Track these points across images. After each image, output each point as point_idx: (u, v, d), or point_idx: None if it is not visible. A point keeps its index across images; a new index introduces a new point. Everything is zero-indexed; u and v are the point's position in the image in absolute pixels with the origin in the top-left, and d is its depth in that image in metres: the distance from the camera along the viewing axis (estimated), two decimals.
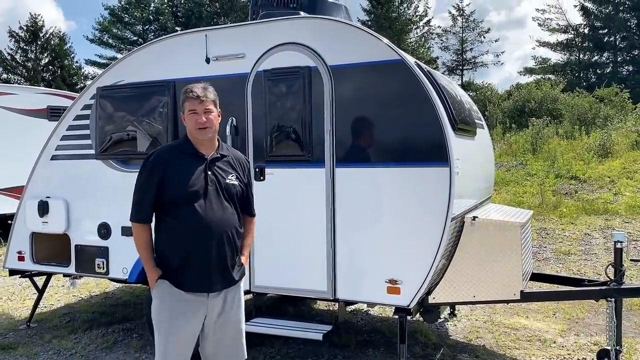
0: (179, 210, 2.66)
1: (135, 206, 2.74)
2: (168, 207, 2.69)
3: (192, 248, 2.66)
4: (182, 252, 2.68)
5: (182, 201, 2.65)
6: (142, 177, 2.74)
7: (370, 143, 3.90)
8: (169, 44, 4.65)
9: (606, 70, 36.49)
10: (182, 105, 2.77)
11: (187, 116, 2.74)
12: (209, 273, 2.69)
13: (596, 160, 14.43)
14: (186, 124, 2.76)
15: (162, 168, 2.69)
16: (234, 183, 2.79)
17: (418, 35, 36.42)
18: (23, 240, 5.14)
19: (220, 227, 2.69)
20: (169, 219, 2.69)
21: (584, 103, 20.61)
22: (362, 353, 4.56)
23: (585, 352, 4.49)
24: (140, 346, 4.81)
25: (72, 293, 6.64)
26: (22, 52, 36.53)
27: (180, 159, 2.73)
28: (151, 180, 2.69)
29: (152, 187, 2.68)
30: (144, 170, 2.74)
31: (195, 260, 2.67)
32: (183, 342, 2.70)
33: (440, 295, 3.88)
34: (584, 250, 8.12)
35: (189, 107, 2.72)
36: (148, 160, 2.75)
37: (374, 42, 3.88)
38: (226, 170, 2.79)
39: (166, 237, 2.71)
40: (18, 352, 4.80)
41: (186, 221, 2.65)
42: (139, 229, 2.73)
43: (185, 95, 2.75)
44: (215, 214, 2.68)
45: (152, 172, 2.70)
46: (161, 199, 2.69)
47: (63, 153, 4.99)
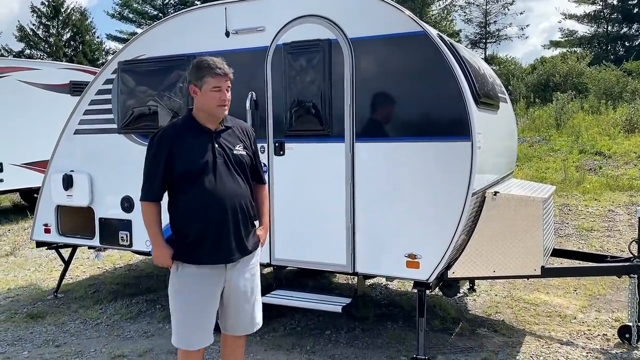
0: (190, 185, 2.68)
1: (145, 186, 2.77)
2: (179, 184, 2.71)
3: (207, 221, 2.70)
4: (197, 226, 2.71)
5: (192, 177, 2.67)
6: (148, 157, 2.75)
7: (390, 117, 3.87)
8: (188, 18, 4.64)
9: (635, 43, 35.43)
10: (202, 80, 2.69)
11: (210, 92, 2.68)
12: (225, 244, 2.73)
13: (622, 136, 14.13)
14: (203, 99, 2.70)
15: (168, 146, 2.68)
16: (242, 153, 2.81)
17: (440, 8, 35.66)
18: (49, 213, 5.26)
19: (232, 198, 2.72)
20: (181, 195, 2.72)
21: (611, 77, 20.11)
22: (380, 326, 4.60)
23: (606, 329, 4.47)
24: (163, 317, 4.93)
25: (96, 265, 6.80)
26: (44, 28, 36.80)
27: (185, 136, 2.72)
28: (159, 159, 2.70)
29: (160, 167, 2.70)
30: (150, 150, 2.75)
31: (211, 233, 2.71)
32: (206, 316, 2.77)
33: (459, 270, 3.88)
34: (607, 226, 8.01)
35: (215, 83, 2.68)
36: (153, 141, 2.74)
37: (395, 14, 3.81)
38: (233, 141, 2.80)
39: (180, 213, 2.74)
40: (46, 321, 4.96)
41: (199, 196, 2.68)
42: (147, 207, 2.77)
43: (209, 70, 2.68)
44: (226, 186, 2.71)
45: (159, 152, 2.70)
46: (171, 176, 2.71)
47: (86, 127, 5.06)
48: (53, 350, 4.34)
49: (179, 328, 2.79)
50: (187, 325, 2.77)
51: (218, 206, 2.69)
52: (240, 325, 2.91)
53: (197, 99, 2.74)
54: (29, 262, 7.29)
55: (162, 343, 4.37)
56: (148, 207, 2.77)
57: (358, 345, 4.24)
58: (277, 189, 4.19)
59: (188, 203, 2.72)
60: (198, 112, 2.77)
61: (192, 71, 2.75)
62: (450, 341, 4.28)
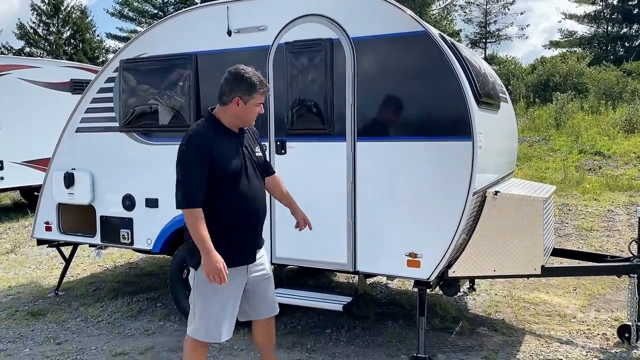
0: (227, 188, 2.77)
1: (189, 192, 2.72)
2: (217, 187, 2.76)
3: (246, 224, 2.85)
4: (238, 228, 2.83)
5: (229, 181, 2.77)
6: (190, 163, 2.73)
7: (392, 116, 3.88)
8: (190, 17, 4.64)
9: (635, 43, 35.45)
10: (250, 96, 2.79)
11: (252, 107, 2.82)
12: (255, 244, 2.94)
13: (622, 136, 14.15)
14: (244, 111, 2.82)
15: (208, 151, 2.73)
16: (260, 155, 2.98)
17: (441, 7, 35.66)
18: (50, 211, 5.27)
19: (260, 198, 2.91)
20: (217, 199, 2.77)
21: (610, 77, 20.13)
22: (381, 325, 4.61)
23: (605, 328, 4.49)
24: (164, 315, 4.94)
25: (97, 263, 6.81)
26: (44, 26, 36.75)
27: (219, 140, 2.79)
28: (203, 164, 2.71)
29: (205, 171, 2.72)
30: (190, 155, 2.73)
31: (247, 235, 2.87)
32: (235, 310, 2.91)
33: (460, 269, 3.89)
34: (606, 226, 8.03)
35: (260, 100, 2.85)
36: (189, 146, 2.74)
37: (397, 14, 3.83)
38: (252, 144, 2.96)
39: (220, 217, 2.78)
40: (47, 319, 4.97)
41: (237, 199, 2.80)
42: (196, 214, 2.69)
43: (259, 88, 2.81)
44: (255, 188, 2.88)
45: (202, 157, 2.71)
46: (210, 180, 2.75)
47: (87, 126, 5.07)
48: (54, 347, 4.35)
49: (209, 322, 2.84)
50: (220, 319, 2.84)
51: (252, 207, 2.85)
52: (273, 306, 3.09)
53: (236, 109, 2.82)
54: (29, 260, 7.30)
55: (163, 341, 4.39)
56: (197, 214, 2.70)
57: (358, 344, 4.26)
58: None
59: (226, 206, 2.79)
60: (226, 117, 2.85)
61: (240, 85, 2.81)
62: (451, 340, 4.30)
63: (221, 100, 2.84)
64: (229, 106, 2.82)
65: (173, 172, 4.63)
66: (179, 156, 2.78)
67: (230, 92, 2.81)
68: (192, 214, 2.70)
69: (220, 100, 2.85)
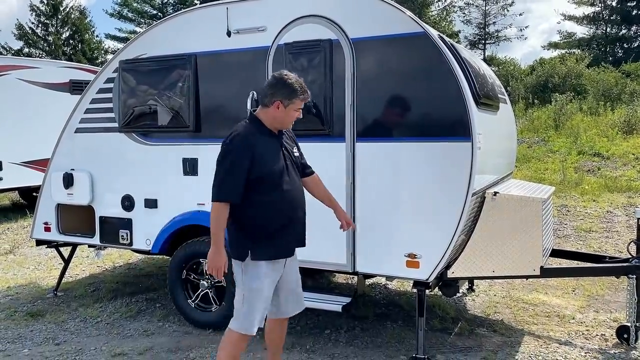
0: (269, 187, 2.90)
1: (224, 186, 2.86)
2: (257, 185, 2.88)
3: (286, 220, 2.98)
4: (277, 224, 2.96)
5: (271, 179, 2.90)
6: (229, 159, 2.86)
7: (391, 117, 3.88)
8: (190, 17, 4.65)
9: (634, 45, 35.47)
10: (291, 101, 2.93)
11: (291, 111, 2.96)
12: (299, 240, 3.09)
13: (620, 137, 14.17)
14: (283, 114, 2.95)
15: (251, 150, 2.85)
16: (297, 155, 3.13)
17: (440, 8, 35.67)
18: (49, 212, 5.26)
19: (300, 196, 3.06)
20: (260, 196, 2.90)
21: (609, 78, 20.15)
22: (380, 325, 4.62)
23: (604, 329, 4.49)
24: (163, 315, 4.94)
25: (96, 263, 6.81)
26: (43, 26, 36.72)
27: (262, 140, 2.92)
28: (243, 162, 2.84)
29: (244, 169, 2.84)
30: (231, 153, 2.86)
31: (288, 230, 3.00)
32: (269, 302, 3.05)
33: (459, 269, 3.90)
34: (605, 227, 8.04)
35: (300, 105, 2.99)
36: (233, 144, 2.87)
37: (396, 15, 3.83)
38: (291, 144, 3.11)
39: (262, 213, 2.93)
40: (46, 319, 4.96)
41: (278, 195, 2.93)
42: (223, 208, 2.86)
43: (300, 94, 2.95)
44: (295, 186, 3.02)
45: (243, 155, 2.85)
46: (249, 178, 2.87)
47: (87, 126, 5.07)
48: (53, 348, 4.35)
49: (250, 314, 2.96)
50: (258, 311, 2.97)
51: (293, 204, 3.00)
52: (297, 305, 3.24)
53: (276, 112, 2.95)
54: (28, 260, 7.29)
55: (162, 341, 4.38)
56: (223, 208, 2.86)
57: (358, 345, 4.26)
58: None
59: (268, 203, 2.92)
60: (266, 119, 2.98)
61: (282, 89, 2.93)
62: (450, 341, 4.30)
63: (263, 102, 2.99)
64: (270, 109, 2.95)
65: (171, 172, 4.68)
66: (221, 152, 2.91)
67: (272, 95, 2.94)
68: (221, 208, 2.86)
69: (262, 102, 3.00)
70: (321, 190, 3.32)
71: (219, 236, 2.87)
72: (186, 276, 4.61)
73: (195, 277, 4.59)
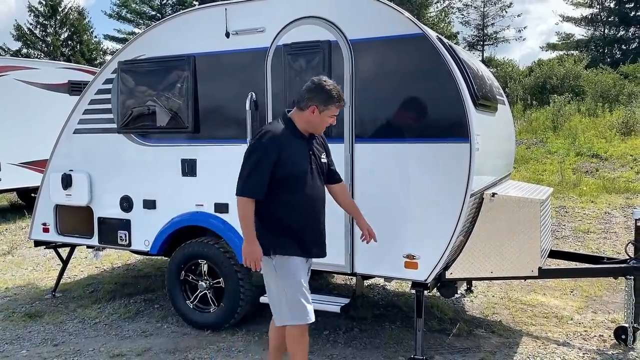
0: (293, 186, 2.98)
1: (249, 182, 2.93)
2: (282, 183, 2.95)
3: (306, 220, 3.06)
4: (299, 223, 3.03)
5: (295, 179, 2.98)
6: (257, 156, 2.92)
7: (390, 118, 3.89)
8: (188, 19, 4.65)
9: (631, 46, 35.56)
10: (327, 107, 2.98)
11: (325, 117, 3.01)
12: (321, 240, 3.15)
13: (618, 138, 14.19)
14: (317, 119, 3.00)
15: (278, 149, 2.92)
16: (324, 162, 3.17)
17: (438, 10, 35.73)
18: (47, 213, 5.26)
19: (321, 200, 3.13)
20: (284, 194, 2.97)
21: (607, 80, 20.20)
22: (378, 326, 4.62)
23: (602, 330, 4.50)
24: (161, 316, 4.94)
25: (94, 264, 6.80)
26: (42, 27, 36.71)
27: (291, 141, 2.98)
28: (270, 160, 2.91)
29: (269, 166, 2.91)
30: (259, 150, 2.92)
31: (308, 231, 3.07)
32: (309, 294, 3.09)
33: (457, 270, 3.90)
34: (603, 228, 8.05)
35: (335, 112, 3.04)
36: (262, 141, 2.93)
37: (395, 16, 3.84)
38: (319, 150, 3.16)
39: (283, 211, 3.00)
40: (44, 320, 4.96)
41: (301, 196, 3.00)
42: (248, 203, 2.93)
43: (337, 101, 3.00)
44: (317, 189, 3.09)
45: (270, 153, 2.91)
46: (275, 176, 2.94)
47: (85, 127, 5.06)
48: (51, 349, 4.34)
49: (294, 307, 3.02)
50: (303, 301, 3.03)
51: (314, 206, 3.08)
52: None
53: (311, 117, 3.01)
54: (26, 261, 7.28)
55: (161, 342, 4.38)
56: (249, 204, 2.94)
57: (356, 346, 4.26)
58: None
59: (291, 202, 2.99)
60: (299, 121, 3.04)
61: (320, 95, 2.98)
62: (448, 342, 4.30)
63: (299, 105, 3.04)
64: (305, 112, 3.01)
65: (170, 173, 4.68)
66: (250, 148, 2.97)
67: (308, 99, 2.99)
68: (247, 203, 2.93)
69: (298, 105, 3.05)
70: (346, 199, 3.38)
71: (249, 231, 2.93)
72: (185, 277, 4.61)
73: (193, 278, 4.59)
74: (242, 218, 2.94)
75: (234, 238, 4.34)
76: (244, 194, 2.93)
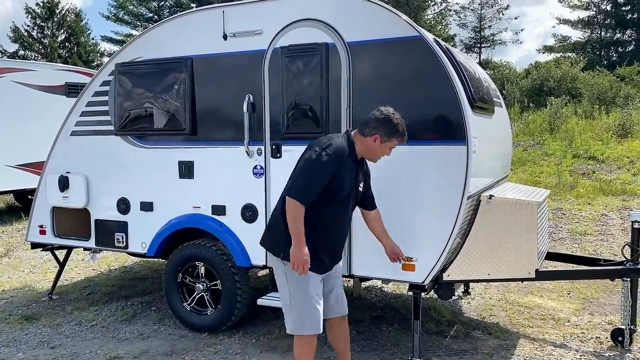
0: (328, 202, 3.01)
1: (305, 189, 2.96)
2: (326, 198, 2.99)
3: (328, 236, 3.12)
4: (319, 238, 3.05)
5: (333, 196, 3.02)
6: (320, 166, 2.94)
7: None
8: (186, 21, 4.65)
9: (628, 49, 35.71)
10: (389, 138, 3.07)
11: (385, 147, 3.09)
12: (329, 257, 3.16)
13: (615, 141, 14.24)
14: (376, 148, 3.08)
15: (338, 165, 2.97)
16: (360, 190, 3.23)
17: (435, 12, 35.82)
18: (44, 215, 5.25)
19: (347, 223, 3.26)
20: (317, 206, 2.99)
21: (604, 82, 20.26)
22: (376, 328, 4.62)
23: (599, 331, 4.51)
24: (158, 318, 4.93)
25: (91, 267, 6.79)
26: (39, 29, 36.69)
27: (347, 161, 3.03)
28: (329, 172, 2.95)
29: (325, 179, 2.95)
30: (323, 160, 2.94)
31: (326, 247, 3.12)
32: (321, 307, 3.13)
33: (454, 272, 3.91)
34: (600, 230, 8.07)
35: (393, 145, 3.13)
36: (328, 152, 2.94)
37: (392, 19, 3.84)
38: (362, 177, 3.23)
39: (311, 223, 2.98)
40: (41, 323, 4.94)
41: (330, 213, 3.06)
42: (301, 209, 2.94)
43: (400, 136, 3.09)
44: (346, 212, 3.18)
45: (332, 165, 2.95)
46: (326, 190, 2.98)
47: (82, 129, 5.06)
48: (48, 351, 4.33)
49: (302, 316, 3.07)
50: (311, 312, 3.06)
51: (343, 226, 3.20)
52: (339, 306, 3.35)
53: (372, 144, 3.08)
54: (23, 263, 7.26)
55: (158, 345, 4.37)
56: (301, 209, 2.94)
57: (353, 348, 4.24)
58: (273, 192, 4.21)
59: (327, 217, 3.05)
60: (359, 145, 3.10)
61: (386, 127, 3.05)
62: (445, 344, 4.31)
63: (362, 130, 3.08)
64: (367, 139, 3.07)
65: (167, 175, 4.67)
66: (315, 157, 2.95)
67: (374, 128, 3.05)
68: (299, 208, 2.93)
69: (361, 130, 3.09)
70: (379, 227, 3.41)
71: (300, 235, 2.93)
72: (182, 279, 4.60)
73: (191, 280, 4.58)
74: (292, 221, 2.93)
75: (231, 240, 4.34)
76: (299, 199, 2.93)
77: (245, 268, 4.41)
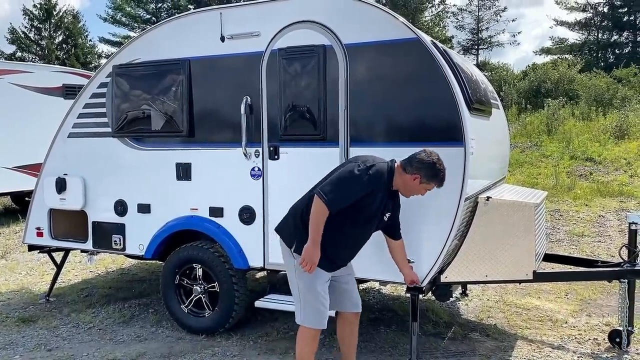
0: (351, 219, 3.15)
1: (337, 197, 3.07)
2: (351, 214, 3.12)
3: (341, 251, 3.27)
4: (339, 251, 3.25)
5: (360, 219, 3.17)
6: (357, 184, 3.09)
7: (384, 123, 3.89)
8: (184, 23, 4.65)
9: (625, 50, 35.79)
10: (428, 182, 3.18)
11: (422, 187, 3.21)
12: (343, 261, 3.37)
13: (612, 142, 14.25)
14: (414, 187, 3.21)
15: (373, 188, 3.10)
16: (385, 220, 3.31)
17: (433, 14, 35.89)
18: (41, 217, 5.24)
19: (361, 244, 3.36)
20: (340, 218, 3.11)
21: (601, 84, 20.28)
22: (374, 330, 4.62)
23: (596, 333, 4.51)
24: (156, 321, 4.92)
25: (89, 269, 6.77)
26: (36, 31, 36.64)
27: (382, 189, 3.15)
28: (360, 190, 3.08)
29: (357, 196, 3.09)
30: (361, 178, 3.08)
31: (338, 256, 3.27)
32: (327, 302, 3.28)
33: (452, 274, 3.91)
34: (597, 232, 8.08)
35: (432, 187, 3.24)
36: (369, 174, 3.09)
37: (389, 20, 3.85)
38: (389, 208, 3.29)
39: (329, 233, 3.11)
40: (38, 325, 4.93)
41: (355, 232, 3.23)
42: (326, 213, 3.07)
43: (439, 182, 3.21)
44: (365, 235, 3.32)
45: (367, 187, 3.08)
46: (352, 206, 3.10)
47: (80, 131, 5.05)
48: (45, 354, 4.32)
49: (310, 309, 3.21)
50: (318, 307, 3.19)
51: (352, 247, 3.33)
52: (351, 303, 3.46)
53: (411, 182, 3.19)
54: (20, 265, 7.24)
55: (155, 347, 4.36)
56: (326, 213, 3.07)
57: None
58: (271, 193, 4.21)
59: (346, 232, 3.19)
60: (398, 179, 3.20)
61: (429, 171, 3.16)
62: (443, 345, 4.30)
63: (405, 167, 3.20)
64: (408, 176, 3.18)
65: (165, 177, 4.67)
66: (357, 173, 3.09)
67: (417, 169, 3.17)
68: (325, 211, 3.06)
69: (404, 166, 3.20)
70: (401, 256, 3.53)
71: (318, 233, 3.07)
72: (179, 281, 4.60)
73: (188, 282, 4.58)
74: (314, 220, 3.07)
75: (228, 242, 4.33)
76: (328, 205, 3.04)
77: (243, 270, 4.41)
